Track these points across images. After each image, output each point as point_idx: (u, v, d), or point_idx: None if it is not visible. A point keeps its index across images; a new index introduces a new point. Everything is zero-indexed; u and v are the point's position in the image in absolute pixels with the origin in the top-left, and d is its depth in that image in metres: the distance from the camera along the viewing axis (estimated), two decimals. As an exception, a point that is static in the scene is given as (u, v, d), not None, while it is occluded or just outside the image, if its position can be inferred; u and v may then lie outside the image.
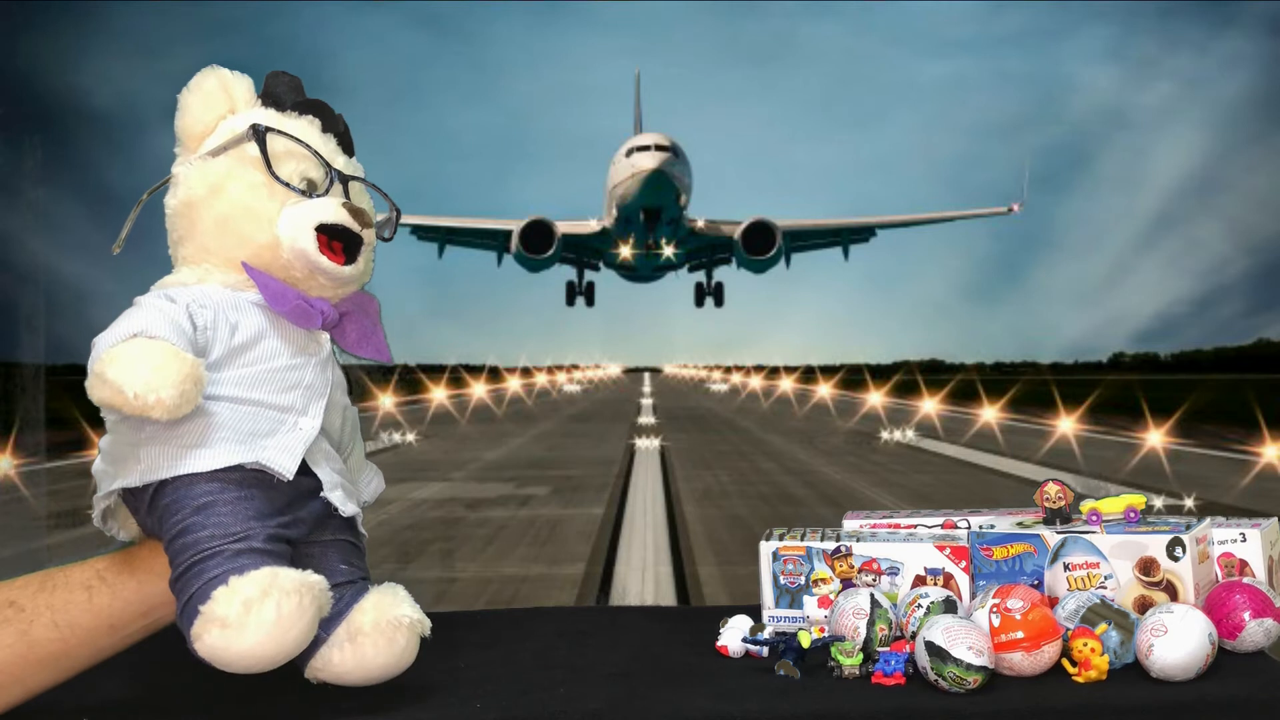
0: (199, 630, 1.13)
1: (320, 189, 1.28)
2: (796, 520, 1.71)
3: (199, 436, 1.18)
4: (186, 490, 1.18)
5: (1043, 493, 1.49)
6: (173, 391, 1.13)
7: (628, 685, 1.30)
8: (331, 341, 1.29)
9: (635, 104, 41.57)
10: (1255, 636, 1.37)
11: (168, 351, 1.14)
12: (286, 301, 1.24)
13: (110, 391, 1.13)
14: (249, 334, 1.23)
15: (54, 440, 12.28)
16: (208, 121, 1.28)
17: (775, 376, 46.72)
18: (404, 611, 1.25)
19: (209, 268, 1.26)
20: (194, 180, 1.27)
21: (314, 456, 1.24)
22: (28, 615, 1.21)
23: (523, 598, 6.91)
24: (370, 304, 1.31)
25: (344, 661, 1.24)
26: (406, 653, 1.26)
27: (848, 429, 20.38)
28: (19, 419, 10.81)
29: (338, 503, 1.26)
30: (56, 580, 1.23)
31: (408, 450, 15.51)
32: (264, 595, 1.13)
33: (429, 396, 28.54)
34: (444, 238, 34.37)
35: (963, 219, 36.43)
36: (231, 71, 1.31)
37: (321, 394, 1.26)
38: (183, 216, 1.27)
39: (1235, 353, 58.92)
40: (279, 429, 1.22)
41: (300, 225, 1.24)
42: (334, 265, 1.25)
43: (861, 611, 1.36)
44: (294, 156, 1.27)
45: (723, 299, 38.14)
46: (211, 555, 1.15)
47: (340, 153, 1.32)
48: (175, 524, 1.17)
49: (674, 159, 34.44)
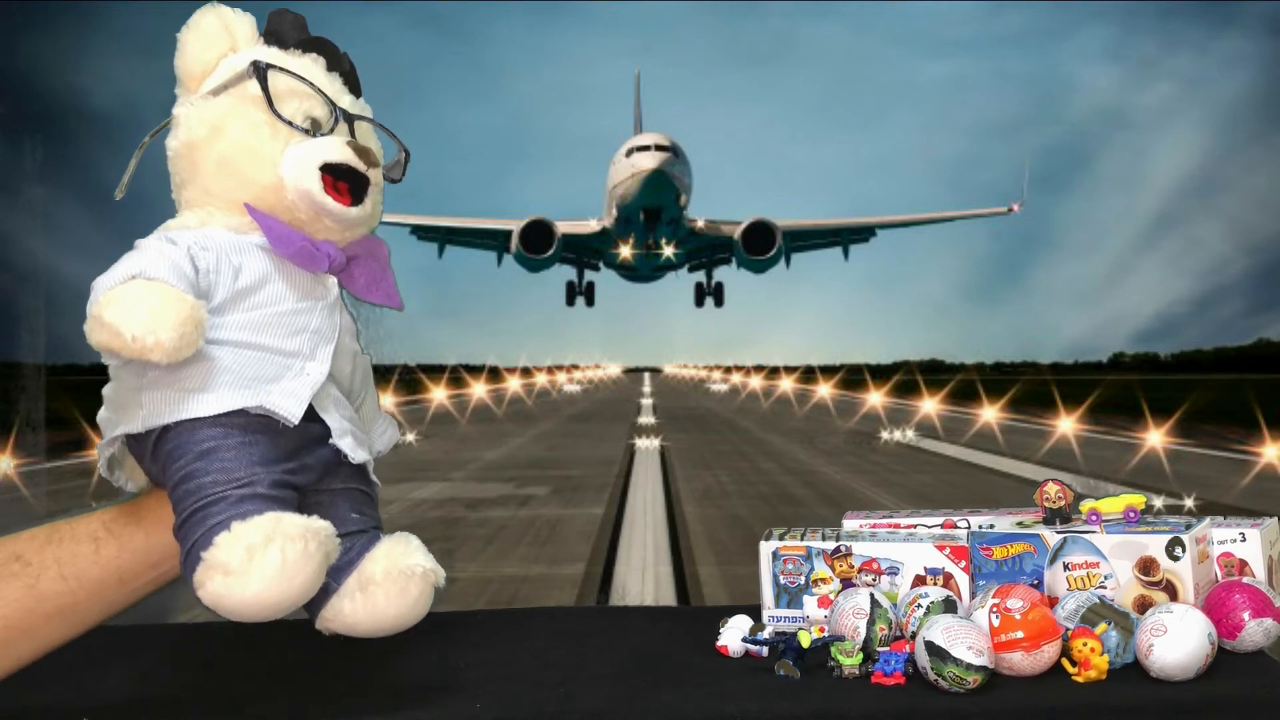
0: (201, 577, 1.10)
1: (325, 128, 1.24)
2: (796, 520, 1.71)
3: (201, 380, 1.15)
4: (189, 435, 1.15)
5: (1042, 493, 1.49)
6: (172, 334, 1.10)
7: (628, 685, 1.30)
8: (340, 287, 1.25)
9: (635, 104, 41.57)
10: (1255, 636, 1.37)
11: (167, 293, 1.11)
12: (291, 244, 1.20)
13: (108, 334, 1.10)
14: (253, 277, 1.19)
15: (54, 440, 12.28)
16: (207, 60, 1.24)
17: (775, 376, 46.73)
18: (417, 560, 1.22)
19: (211, 210, 1.22)
20: (194, 121, 1.23)
21: (322, 403, 1.21)
22: (34, 569, 1.19)
23: (523, 598, 6.91)
24: (380, 248, 1.27)
25: (355, 611, 1.20)
26: (420, 602, 1.22)
27: (848, 429, 20.37)
28: (19, 419, 10.81)
29: (347, 449, 1.22)
30: (63, 533, 1.21)
31: (407, 450, 15.51)
32: (267, 541, 1.09)
33: (429, 396, 28.53)
34: (444, 238, 34.37)
35: (963, 219, 36.44)
36: (232, 9, 1.27)
37: (329, 339, 1.23)
38: (184, 158, 1.24)
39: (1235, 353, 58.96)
40: (285, 374, 1.19)
41: (304, 165, 1.20)
42: (340, 206, 1.21)
43: (861, 611, 1.36)
44: (297, 95, 1.23)
45: (723, 299, 38.14)
46: (215, 501, 1.12)
47: (346, 91, 1.28)
48: (178, 470, 1.15)
49: (674, 159, 34.45)
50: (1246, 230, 65.47)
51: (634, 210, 34.72)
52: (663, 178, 34.03)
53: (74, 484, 10.70)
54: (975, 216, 36.15)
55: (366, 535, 1.23)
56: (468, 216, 34.97)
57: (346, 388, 1.28)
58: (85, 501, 1.25)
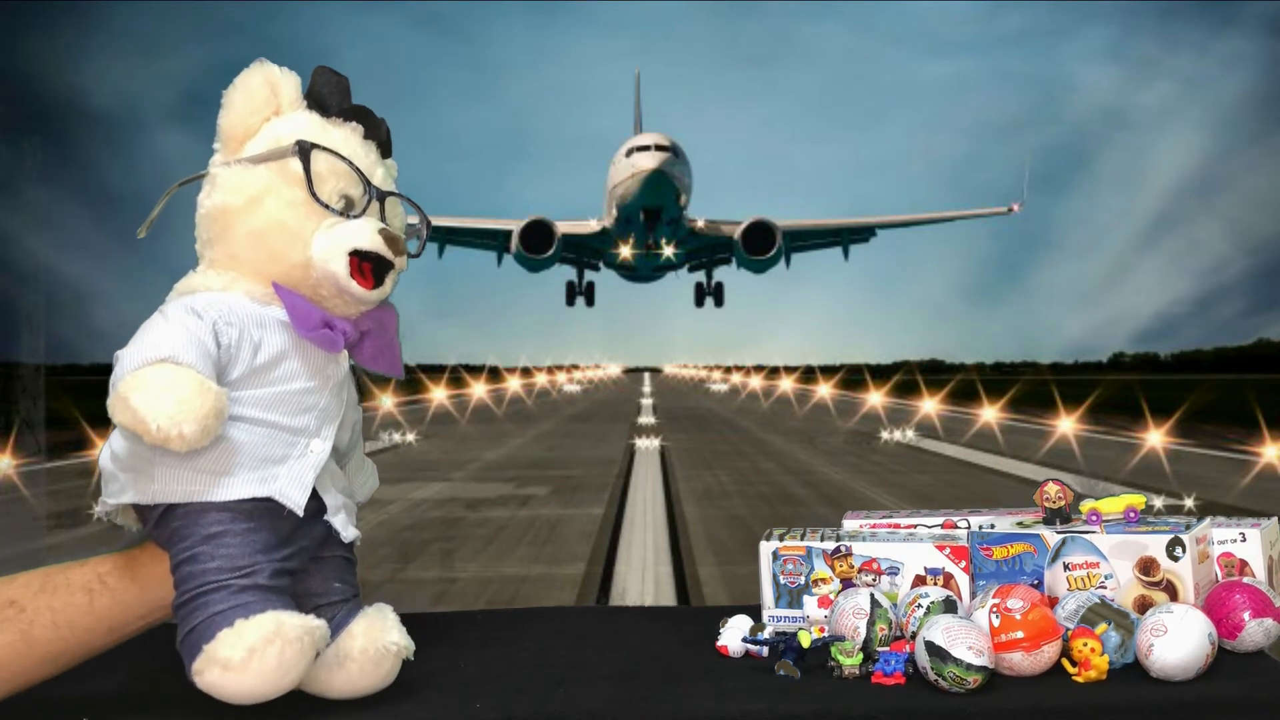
0: (201, 666, 1.15)
1: (358, 208, 1.26)
2: (796, 520, 1.71)
3: (215, 463, 1.19)
4: (198, 517, 1.19)
5: (1043, 493, 1.49)
6: (195, 427, 1.13)
7: (628, 685, 1.30)
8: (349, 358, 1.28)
9: (635, 104, 41.57)
10: (1255, 636, 1.37)
11: (194, 383, 1.14)
12: (312, 326, 1.23)
13: (133, 419, 1.13)
14: (270, 354, 1.22)
15: (54, 440, 12.28)
16: (251, 125, 1.26)
17: (775, 376, 46.73)
18: (392, 639, 1.27)
19: (236, 276, 1.24)
20: (232, 187, 1.24)
21: (320, 479, 1.25)
22: (29, 615, 1.21)
23: (523, 598, 6.91)
24: (390, 319, 1.30)
25: (330, 680, 1.25)
26: (390, 675, 1.27)
27: (848, 429, 20.37)
28: (19, 419, 10.81)
29: (339, 527, 1.27)
30: (58, 581, 1.23)
31: (408, 450, 15.50)
32: (267, 643, 1.14)
33: (429, 396, 28.53)
34: (444, 238, 34.36)
35: (963, 219, 36.44)
36: (280, 69, 1.27)
37: (335, 417, 1.27)
38: (216, 220, 1.25)
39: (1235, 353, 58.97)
40: (291, 453, 1.22)
41: (335, 249, 1.23)
42: (361, 290, 1.24)
43: (861, 611, 1.36)
44: (336, 174, 1.25)
45: (723, 299, 38.14)
46: (217, 589, 1.16)
47: (380, 162, 1.30)
48: (184, 549, 1.19)
49: (674, 159, 34.44)
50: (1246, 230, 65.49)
51: (634, 210, 34.71)
52: (663, 178, 34.03)
53: (74, 484, 10.69)
54: (975, 216, 36.15)
55: (347, 605, 1.28)
56: (468, 216, 34.97)
57: (342, 453, 1.33)
58: (85, 502, 1.25)
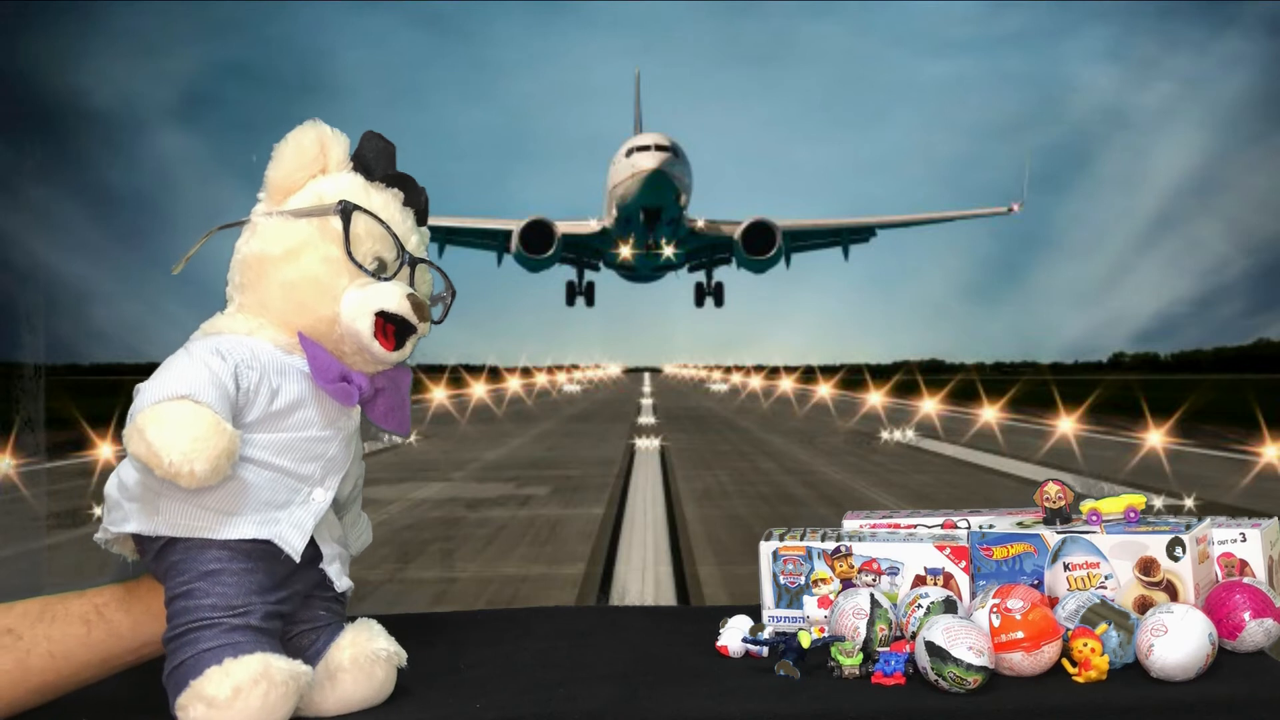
0: (185, 702, 1.16)
1: (389, 271, 1.29)
2: (796, 520, 1.71)
3: (220, 501, 1.20)
4: (198, 553, 1.20)
5: (1043, 493, 1.49)
6: (206, 466, 1.15)
7: (628, 685, 1.30)
8: (361, 412, 1.31)
9: (635, 104, 41.59)
10: (1255, 636, 1.37)
11: (210, 424, 1.16)
12: (330, 378, 1.25)
13: (147, 452, 1.15)
14: (287, 401, 1.24)
15: (54, 440, 12.28)
16: (298, 180, 1.28)
17: (775, 376, 46.76)
18: (381, 645, 1.27)
19: (263, 323, 1.27)
20: (272, 237, 1.27)
21: (318, 528, 1.27)
22: (25, 644, 1.23)
23: (523, 598, 6.91)
24: (404, 379, 1.32)
25: (324, 699, 1.25)
26: (385, 685, 1.27)
27: (848, 429, 20.37)
28: (19, 419, 10.81)
29: (333, 576, 1.29)
30: (55, 611, 1.25)
31: (408, 450, 15.51)
32: (254, 684, 1.15)
33: (429, 396, 28.53)
34: (444, 238, 34.35)
35: (963, 219, 36.45)
36: (331, 130, 1.30)
37: (340, 469, 1.29)
38: (251, 267, 1.28)
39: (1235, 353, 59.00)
40: (294, 499, 1.24)
41: (362, 309, 1.25)
42: (382, 350, 1.26)
43: (861, 611, 1.36)
44: (373, 236, 1.28)
45: (723, 299, 38.15)
46: (209, 626, 1.18)
47: (415, 230, 1.33)
48: (180, 584, 1.20)
49: (674, 159, 34.46)
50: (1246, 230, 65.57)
51: (634, 210, 34.73)
52: (663, 178, 34.04)
53: (73, 484, 10.70)
54: (975, 216, 36.17)
55: (331, 627, 1.29)
56: (468, 216, 34.98)
57: (342, 503, 1.34)
58: (85, 502, 1.26)
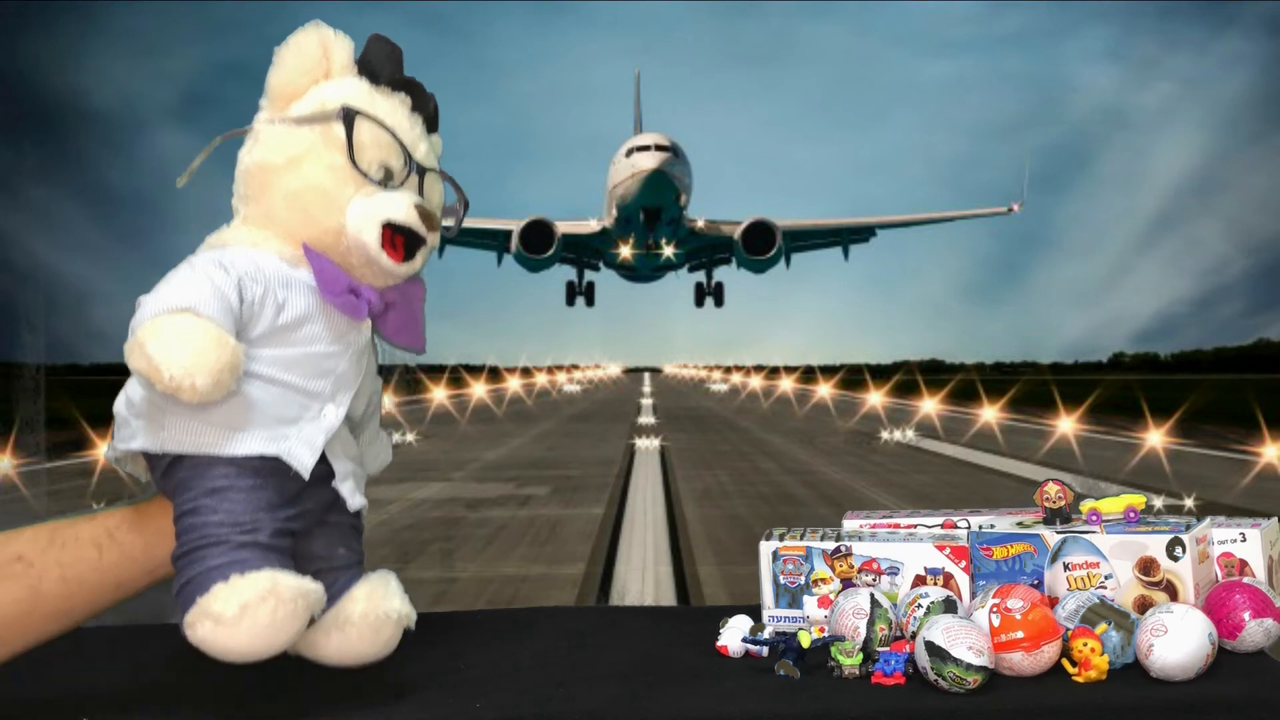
0: (193, 619, 1.13)
1: (397, 180, 1.25)
2: (796, 520, 1.71)
3: (226, 417, 1.17)
4: (204, 469, 1.17)
5: (1043, 492, 1.49)
6: (208, 380, 1.12)
7: (628, 685, 1.30)
8: (372, 327, 1.27)
9: (635, 104, 41.62)
10: (1255, 636, 1.37)
11: (212, 336, 1.13)
12: (338, 290, 1.22)
13: (147, 365, 1.12)
14: (294, 315, 1.21)
15: (54, 440, 12.28)
16: (300, 85, 1.25)
17: (775, 376, 46.78)
18: (394, 606, 1.26)
19: (268, 235, 1.23)
20: (273, 145, 1.23)
21: (331, 445, 1.24)
22: (37, 571, 1.20)
23: (523, 598, 6.91)
24: (416, 293, 1.29)
25: (328, 646, 1.24)
26: (390, 644, 1.26)
27: (848, 429, 20.38)
28: (19, 419, 10.81)
29: (346, 494, 1.26)
30: (65, 535, 1.22)
31: (408, 450, 15.52)
32: (261, 600, 1.13)
33: (429, 396, 28.53)
34: (444, 238, 34.34)
35: (963, 219, 36.49)
36: (335, 32, 1.26)
37: (351, 385, 1.25)
38: (255, 177, 1.24)
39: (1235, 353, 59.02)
40: (304, 415, 1.21)
41: (369, 219, 1.22)
42: (391, 262, 1.23)
43: (861, 611, 1.36)
44: (378, 144, 1.24)
45: (723, 299, 38.19)
46: (217, 543, 1.15)
47: (424, 137, 1.28)
48: (187, 501, 1.17)
49: (674, 159, 34.48)
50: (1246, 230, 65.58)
51: (634, 210, 34.75)
52: (663, 178, 34.06)
53: (74, 484, 10.70)
54: (975, 216, 36.20)
55: (349, 571, 1.27)
56: (468, 216, 34.94)
57: (356, 422, 1.31)
58: (85, 503, 1.25)
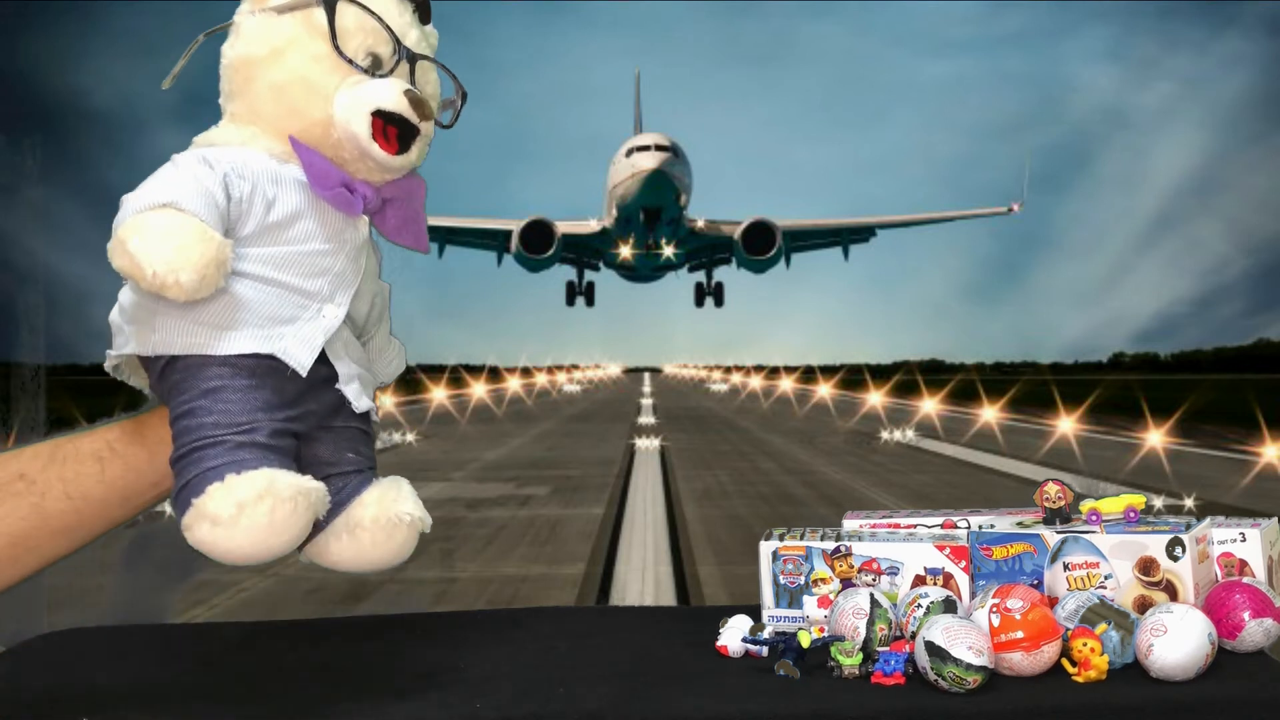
0: (190, 521, 1.10)
1: (385, 67, 1.20)
2: (796, 520, 1.71)
3: (217, 316, 1.14)
4: (198, 370, 1.14)
5: (1042, 492, 1.49)
6: (193, 275, 1.08)
7: (628, 685, 1.30)
8: (371, 225, 1.23)
9: (635, 104, 41.64)
10: (1255, 636, 1.37)
11: (195, 230, 1.09)
12: (329, 185, 1.18)
13: (129, 263, 1.08)
14: (284, 212, 1.17)
15: (54, 440, 12.25)
16: None
17: (775, 376, 46.79)
18: (406, 509, 1.22)
19: (256, 132, 1.19)
20: (255, 37, 1.19)
21: (333, 346, 1.20)
22: (39, 488, 1.19)
23: (523, 598, 6.92)
24: (417, 189, 1.24)
25: (341, 551, 1.21)
26: (404, 548, 1.23)
27: (848, 429, 20.38)
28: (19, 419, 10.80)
29: (352, 397, 1.21)
30: (66, 451, 1.20)
31: (408, 450, 15.50)
32: (258, 499, 1.09)
33: (429, 396, 28.54)
34: (444, 238, 34.41)
35: (963, 219, 36.50)
36: None
37: (350, 284, 1.21)
38: (238, 72, 1.20)
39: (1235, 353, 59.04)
40: (301, 315, 1.17)
41: (357, 108, 1.17)
42: (384, 154, 1.18)
43: (861, 611, 1.36)
44: (364, 30, 1.19)
45: (723, 299, 38.20)
46: (213, 444, 1.12)
47: (415, 24, 1.23)
48: (182, 403, 1.14)
49: (674, 159, 34.51)
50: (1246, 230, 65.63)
51: (634, 210, 34.77)
52: (663, 178, 34.08)
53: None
54: (975, 216, 36.21)
55: (360, 476, 1.23)
56: (468, 216, 35.03)
57: (360, 325, 1.27)
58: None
